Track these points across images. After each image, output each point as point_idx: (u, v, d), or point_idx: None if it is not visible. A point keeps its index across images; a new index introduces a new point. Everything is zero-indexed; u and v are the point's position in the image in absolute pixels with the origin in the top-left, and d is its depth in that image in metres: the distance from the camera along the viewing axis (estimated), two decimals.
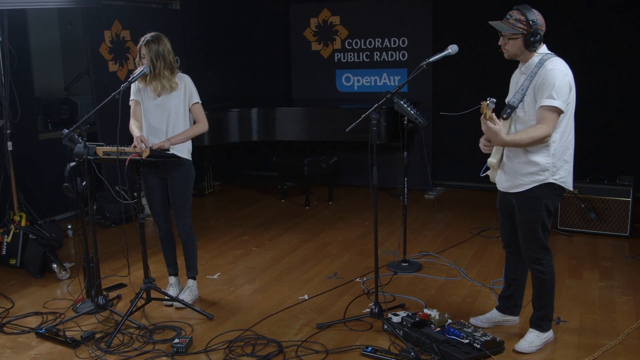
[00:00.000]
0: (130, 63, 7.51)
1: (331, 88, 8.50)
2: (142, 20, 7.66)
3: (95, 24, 7.15)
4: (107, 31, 7.28)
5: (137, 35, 4.63)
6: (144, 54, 4.33)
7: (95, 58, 7.16)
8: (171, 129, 4.43)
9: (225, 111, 7.32)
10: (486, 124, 3.46)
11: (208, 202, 8.12)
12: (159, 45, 4.32)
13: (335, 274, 5.26)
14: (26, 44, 6.86)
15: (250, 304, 4.70)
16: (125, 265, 4.79)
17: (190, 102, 4.49)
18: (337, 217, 7.04)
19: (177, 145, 4.41)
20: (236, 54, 9.18)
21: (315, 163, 7.52)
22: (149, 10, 8.37)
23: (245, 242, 6.24)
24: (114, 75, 7.34)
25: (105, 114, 4.78)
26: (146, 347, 4.01)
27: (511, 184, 3.75)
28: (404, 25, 7.96)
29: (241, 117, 7.34)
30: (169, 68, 4.37)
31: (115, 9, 7.53)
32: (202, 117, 4.54)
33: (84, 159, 4.14)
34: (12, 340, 4.23)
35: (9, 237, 5.61)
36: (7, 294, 5.04)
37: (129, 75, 7.31)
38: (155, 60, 4.30)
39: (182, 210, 4.57)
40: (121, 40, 7.44)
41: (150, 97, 4.45)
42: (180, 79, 4.46)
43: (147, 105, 4.44)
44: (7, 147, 5.69)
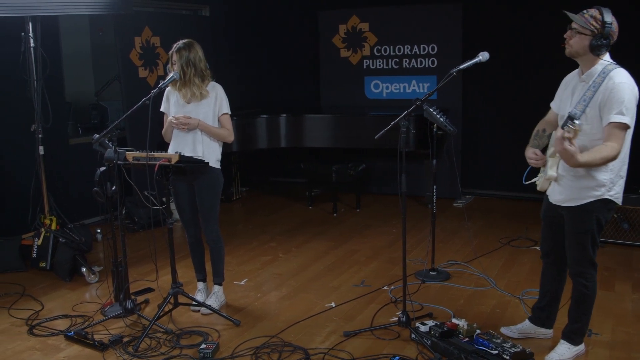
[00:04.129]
0: (160, 69, 7.57)
1: (360, 95, 8.48)
2: (172, 26, 7.73)
3: (126, 31, 7.23)
4: (137, 37, 7.36)
5: (167, 41, 4.67)
6: (175, 60, 4.35)
7: (125, 64, 7.24)
8: (199, 137, 4.45)
9: (254, 117, 7.33)
10: (563, 144, 3.21)
11: (236, 208, 8.14)
12: (190, 52, 4.34)
13: (362, 281, 5.23)
14: (58, 50, 6.95)
15: (277, 310, 4.68)
16: (153, 269, 4.81)
17: (219, 112, 4.51)
18: (365, 225, 7.01)
19: (205, 153, 4.43)
20: (265, 61, 9.21)
21: (343, 170, 7.50)
22: (178, 16, 8.45)
23: (273, 249, 6.23)
24: (144, 81, 7.41)
25: (135, 119, 4.81)
26: (173, 351, 4.01)
27: (565, 197, 3.63)
28: (434, 31, 7.92)
29: (269, 124, 7.35)
30: (200, 75, 4.39)
31: (145, 16, 7.60)
32: (229, 127, 4.56)
33: (114, 164, 4.17)
34: (41, 342, 4.26)
35: (39, 240, 5.68)
36: (37, 296, 5.09)
37: (159, 81, 7.40)
38: (186, 67, 4.32)
39: (210, 217, 4.58)
40: (151, 46, 7.51)
41: (180, 104, 4.47)
42: (212, 88, 4.48)
43: (176, 113, 4.46)
44: (38, 151, 5.75)
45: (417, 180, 7.66)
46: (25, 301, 5.02)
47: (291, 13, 8.96)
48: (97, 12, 6.11)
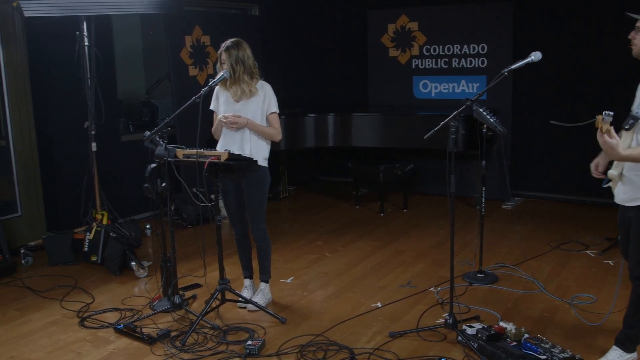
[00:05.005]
0: (210, 68, 7.65)
1: (408, 94, 8.43)
2: (221, 25, 7.80)
3: (176, 30, 7.32)
4: (188, 36, 7.45)
5: (217, 40, 4.71)
6: (224, 59, 4.39)
7: (176, 62, 7.33)
8: (247, 135, 4.48)
9: (302, 116, 7.35)
10: (602, 137, 3.17)
11: (283, 206, 8.18)
12: (238, 50, 4.38)
13: (409, 282, 5.20)
14: (111, 48, 7.08)
15: (323, 309, 4.69)
16: (201, 265, 4.86)
17: (268, 110, 4.53)
18: (412, 225, 6.96)
19: (253, 152, 4.46)
20: (313, 60, 9.22)
21: (391, 170, 7.47)
22: (228, 15, 8.52)
23: (319, 247, 6.24)
24: (194, 80, 7.50)
25: (184, 117, 4.87)
26: (219, 347, 4.05)
27: (628, 197, 3.54)
28: (484, 31, 7.82)
29: (317, 123, 7.36)
30: (249, 73, 4.42)
31: (196, 15, 7.68)
32: (277, 126, 4.58)
33: (164, 161, 4.23)
34: (92, 334, 4.36)
35: (91, 234, 5.80)
36: (88, 289, 5.20)
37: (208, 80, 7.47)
38: (235, 65, 4.36)
39: (257, 214, 4.61)
40: (201, 45, 7.60)
41: (230, 102, 4.51)
42: (261, 86, 4.51)
43: (226, 111, 4.50)
44: (91, 147, 5.86)
45: (465, 181, 7.58)
46: (77, 294, 5.13)
47: (340, 12, 8.95)
48: (149, 11, 6.20)
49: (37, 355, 4.06)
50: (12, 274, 5.62)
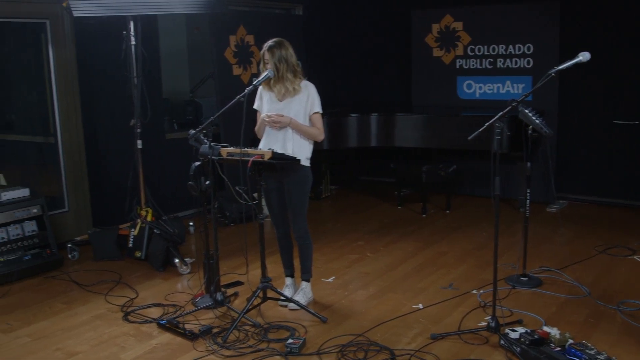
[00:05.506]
0: (254, 67, 7.70)
1: (452, 95, 8.36)
2: (265, 25, 7.84)
3: (221, 29, 7.39)
4: (232, 36, 7.51)
5: (261, 39, 4.74)
6: (267, 59, 4.42)
7: (220, 62, 7.40)
8: (289, 134, 4.50)
9: (345, 116, 7.34)
10: None
11: (325, 205, 8.18)
12: (281, 49, 4.40)
13: (451, 284, 5.16)
14: (156, 48, 7.17)
15: (364, 309, 4.68)
16: (243, 263, 4.90)
17: (311, 110, 4.54)
18: (455, 227, 6.90)
19: (295, 151, 4.47)
20: (357, 59, 9.21)
21: (434, 171, 7.42)
22: (272, 15, 8.56)
23: (361, 247, 6.23)
24: (238, 79, 7.55)
25: (228, 115, 4.92)
26: (260, 345, 4.07)
27: None
28: (530, 31, 7.70)
29: (360, 122, 7.35)
30: (292, 71, 4.44)
31: (240, 15, 7.74)
32: (320, 126, 4.58)
33: (208, 158, 4.28)
34: (135, 328, 4.42)
35: (135, 230, 5.88)
36: (132, 284, 5.29)
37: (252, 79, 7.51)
38: (279, 63, 4.39)
39: (298, 214, 4.62)
40: (245, 44, 7.65)
41: (273, 101, 4.53)
42: (305, 86, 4.53)
43: (269, 110, 4.52)
44: (137, 145, 5.94)
45: (509, 183, 7.49)
46: (121, 289, 5.22)
47: (384, 12, 8.92)
48: (195, 11, 6.26)
49: (82, 348, 4.14)
50: (59, 267, 5.74)
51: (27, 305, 4.91)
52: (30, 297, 5.09)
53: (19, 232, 5.57)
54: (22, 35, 6.57)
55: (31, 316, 4.70)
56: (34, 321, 4.61)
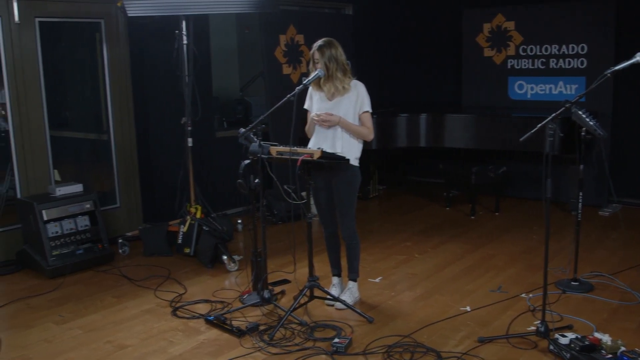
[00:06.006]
0: (303, 66, 7.72)
1: (503, 95, 8.24)
2: (315, 24, 7.86)
3: (271, 29, 7.43)
4: (282, 35, 7.54)
5: (311, 39, 4.75)
6: (317, 58, 4.43)
7: (270, 61, 7.44)
8: (339, 133, 4.49)
9: (394, 116, 7.31)
10: None
11: (372, 205, 8.16)
12: (331, 48, 4.41)
13: (499, 287, 5.09)
14: (207, 47, 7.26)
15: (411, 310, 4.65)
16: (290, 262, 4.92)
17: (360, 109, 4.53)
18: (504, 229, 6.81)
19: (344, 150, 4.47)
20: (406, 59, 9.16)
21: (483, 172, 7.33)
22: (322, 15, 8.58)
23: (408, 248, 6.20)
24: (287, 78, 7.59)
25: (277, 114, 4.95)
26: (307, 343, 4.09)
27: None
28: (584, 30, 7.53)
29: (410, 122, 7.30)
30: (341, 70, 4.44)
31: (290, 14, 7.77)
32: (369, 126, 4.57)
33: (258, 157, 4.30)
34: (183, 324, 4.48)
35: (185, 227, 5.96)
36: (181, 280, 5.36)
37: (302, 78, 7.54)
38: (329, 62, 4.40)
39: (346, 213, 4.61)
40: (295, 44, 7.68)
41: (323, 100, 4.54)
42: (354, 85, 4.53)
43: (319, 110, 4.53)
44: (187, 143, 6.02)
45: (560, 185, 7.35)
46: (170, 284, 5.30)
47: (435, 11, 8.86)
48: (246, 10, 6.31)
49: (132, 342, 4.21)
50: (110, 262, 5.87)
51: (79, 298, 5.03)
52: (82, 290, 5.21)
53: (73, 227, 5.70)
54: (76, 34, 6.72)
55: (83, 309, 4.81)
56: (86, 314, 4.72)
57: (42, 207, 5.54)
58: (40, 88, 5.94)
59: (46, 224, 5.53)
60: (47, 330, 4.45)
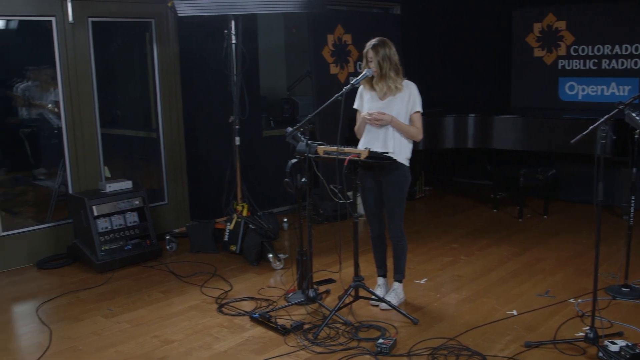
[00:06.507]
0: (351, 66, 7.72)
1: (553, 96, 8.11)
2: (363, 24, 7.85)
3: (319, 28, 7.44)
4: (330, 35, 7.55)
5: (358, 39, 4.76)
6: (371, 57, 4.42)
7: (317, 61, 7.45)
8: (390, 133, 4.48)
9: (442, 116, 7.25)
10: None
11: (418, 206, 8.11)
12: (385, 48, 4.41)
13: (547, 291, 5.00)
14: (255, 46, 7.31)
15: (456, 313, 4.61)
16: (335, 261, 4.93)
17: (412, 109, 4.52)
18: (552, 232, 6.69)
19: (396, 150, 4.46)
20: (454, 59, 9.08)
21: (532, 174, 7.22)
22: (370, 14, 8.56)
23: (454, 250, 6.14)
24: (335, 78, 7.59)
25: (323, 114, 4.96)
26: (351, 343, 4.08)
27: None
28: (638, 30, 7.36)
29: (457, 123, 7.23)
30: (395, 69, 4.44)
31: (338, 14, 7.77)
32: (419, 126, 4.55)
33: (305, 156, 4.32)
34: (229, 320, 4.53)
35: (231, 225, 6.01)
36: (227, 277, 5.42)
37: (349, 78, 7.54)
38: (382, 62, 4.39)
39: (395, 213, 4.60)
40: (343, 43, 7.67)
41: (375, 100, 4.53)
42: (406, 85, 4.52)
43: (370, 109, 4.52)
44: (235, 141, 6.07)
45: (611, 189, 7.19)
46: (216, 281, 5.35)
47: (484, 11, 8.75)
48: (294, 10, 6.33)
49: (178, 337, 4.27)
50: (158, 258, 5.96)
51: (127, 293, 5.12)
52: (131, 285, 5.30)
53: (122, 223, 5.80)
54: (127, 33, 6.84)
55: (131, 303, 4.90)
56: (134, 308, 4.81)
57: (92, 202, 5.66)
58: (92, 87, 6.07)
59: (96, 219, 5.64)
60: (96, 323, 4.55)
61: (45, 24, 5.81)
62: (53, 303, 4.96)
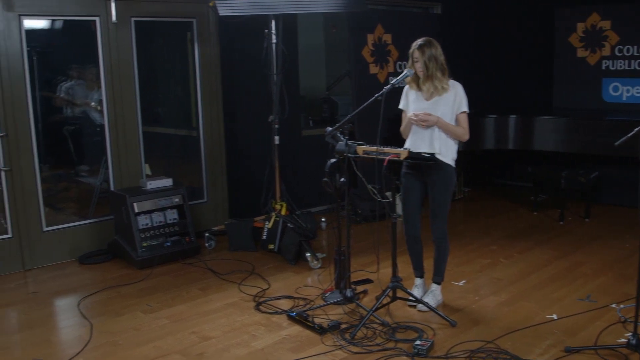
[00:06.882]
0: (390, 66, 7.69)
1: (596, 97, 7.96)
2: (403, 24, 7.81)
3: (359, 28, 7.42)
4: (370, 35, 7.53)
5: (398, 39, 4.74)
6: (417, 57, 4.40)
7: (357, 60, 7.44)
8: (436, 133, 4.46)
9: (482, 117, 7.18)
10: None
11: (457, 207, 8.04)
12: (431, 48, 4.39)
13: (588, 296, 4.92)
14: (295, 46, 7.32)
15: (495, 316, 4.56)
16: (373, 261, 4.91)
17: (458, 109, 4.49)
18: (594, 236, 6.58)
19: (442, 150, 4.44)
20: (495, 59, 8.98)
21: (574, 176, 7.11)
22: (410, 14, 8.51)
23: (493, 252, 6.08)
24: (374, 78, 7.57)
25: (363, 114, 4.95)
26: (388, 344, 4.07)
27: None
28: None
29: (498, 124, 7.16)
30: (441, 69, 4.42)
31: (378, 14, 7.74)
32: (465, 126, 4.53)
33: (344, 156, 4.32)
34: (266, 318, 4.55)
35: (269, 223, 6.04)
36: (265, 276, 5.45)
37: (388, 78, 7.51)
38: (429, 62, 4.38)
39: (439, 214, 4.58)
40: (383, 43, 7.65)
41: (420, 100, 4.51)
42: (452, 85, 4.50)
43: (415, 110, 4.50)
44: (274, 140, 6.09)
45: None
46: (254, 279, 5.39)
47: (525, 10, 8.64)
48: (335, 9, 6.32)
49: (216, 334, 4.31)
50: (196, 255, 6.02)
51: (166, 289, 5.18)
52: (170, 282, 5.37)
53: (162, 220, 5.87)
54: (168, 33, 6.92)
55: (170, 299, 4.96)
56: (173, 304, 4.86)
57: (133, 199, 5.74)
58: (134, 85, 6.16)
59: (137, 216, 5.72)
60: (136, 318, 4.61)
61: (89, 24, 5.91)
62: (94, 298, 5.05)
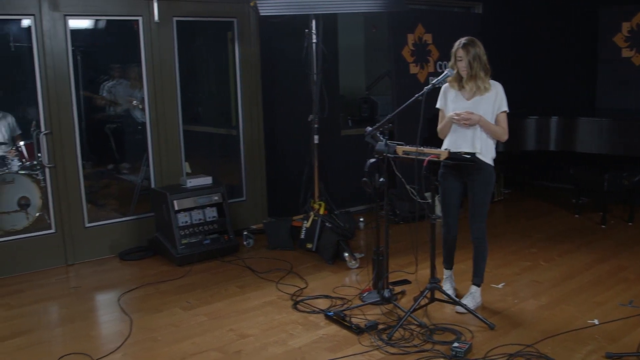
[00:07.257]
0: (431, 66, 7.64)
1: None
2: (443, 23, 7.76)
3: (399, 28, 7.40)
4: (410, 34, 7.50)
5: (439, 38, 4.71)
6: (461, 56, 4.39)
7: (397, 60, 7.42)
8: (478, 133, 4.43)
9: (523, 118, 7.09)
10: None
11: (497, 209, 7.95)
12: (475, 47, 4.38)
13: (630, 301, 4.82)
14: (335, 46, 7.33)
15: (534, 319, 4.50)
16: (410, 262, 4.90)
17: (499, 109, 4.47)
18: (637, 240, 6.44)
19: (483, 150, 4.42)
20: (536, 59, 8.87)
21: (617, 179, 6.97)
22: (450, 14, 8.45)
23: (533, 255, 6.00)
24: (414, 77, 7.54)
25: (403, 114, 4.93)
26: (425, 345, 4.05)
27: None
28: None
29: (539, 125, 7.06)
30: (484, 69, 4.41)
31: (419, 13, 7.70)
32: (505, 126, 4.50)
33: (384, 156, 4.31)
34: (303, 317, 4.57)
35: (308, 223, 6.05)
36: (302, 275, 5.46)
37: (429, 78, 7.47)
38: (473, 61, 4.36)
39: (479, 214, 4.56)
40: (423, 43, 7.61)
41: (460, 100, 4.49)
42: (493, 85, 4.48)
43: (455, 109, 4.48)
44: (313, 140, 6.11)
45: None
46: (292, 278, 5.40)
47: (568, 10, 8.51)
48: (375, 9, 6.31)
49: (253, 332, 4.34)
50: (235, 253, 6.07)
51: (205, 286, 5.24)
52: (208, 279, 5.42)
53: (201, 217, 5.93)
54: (209, 32, 6.99)
55: (209, 296, 5.01)
56: (211, 302, 4.91)
57: (174, 197, 5.81)
58: (175, 85, 6.23)
59: (177, 213, 5.78)
60: (175, 315, 4.67)
61: (132, 24, 6.00)
62: (134, 293, 5.13)
